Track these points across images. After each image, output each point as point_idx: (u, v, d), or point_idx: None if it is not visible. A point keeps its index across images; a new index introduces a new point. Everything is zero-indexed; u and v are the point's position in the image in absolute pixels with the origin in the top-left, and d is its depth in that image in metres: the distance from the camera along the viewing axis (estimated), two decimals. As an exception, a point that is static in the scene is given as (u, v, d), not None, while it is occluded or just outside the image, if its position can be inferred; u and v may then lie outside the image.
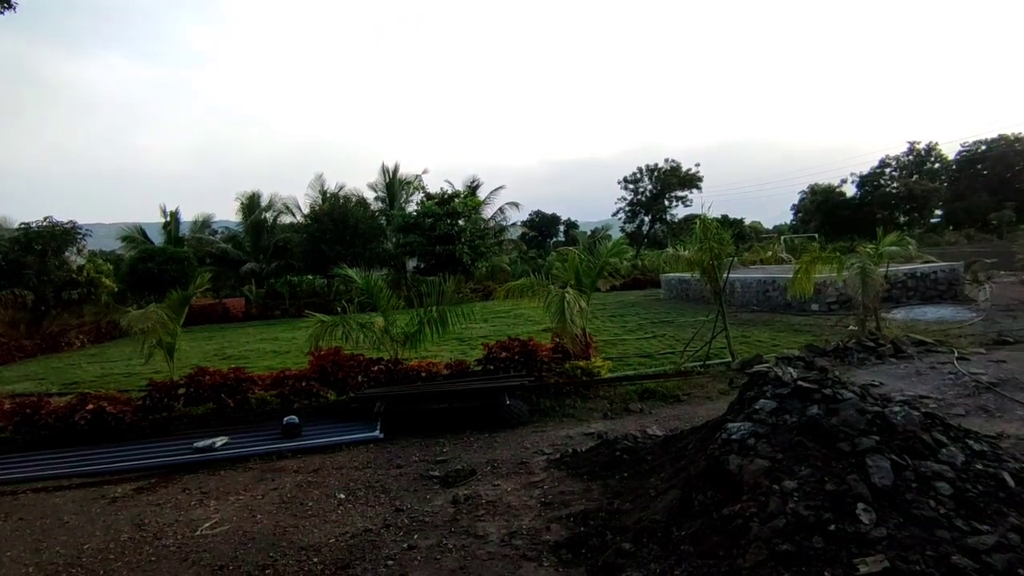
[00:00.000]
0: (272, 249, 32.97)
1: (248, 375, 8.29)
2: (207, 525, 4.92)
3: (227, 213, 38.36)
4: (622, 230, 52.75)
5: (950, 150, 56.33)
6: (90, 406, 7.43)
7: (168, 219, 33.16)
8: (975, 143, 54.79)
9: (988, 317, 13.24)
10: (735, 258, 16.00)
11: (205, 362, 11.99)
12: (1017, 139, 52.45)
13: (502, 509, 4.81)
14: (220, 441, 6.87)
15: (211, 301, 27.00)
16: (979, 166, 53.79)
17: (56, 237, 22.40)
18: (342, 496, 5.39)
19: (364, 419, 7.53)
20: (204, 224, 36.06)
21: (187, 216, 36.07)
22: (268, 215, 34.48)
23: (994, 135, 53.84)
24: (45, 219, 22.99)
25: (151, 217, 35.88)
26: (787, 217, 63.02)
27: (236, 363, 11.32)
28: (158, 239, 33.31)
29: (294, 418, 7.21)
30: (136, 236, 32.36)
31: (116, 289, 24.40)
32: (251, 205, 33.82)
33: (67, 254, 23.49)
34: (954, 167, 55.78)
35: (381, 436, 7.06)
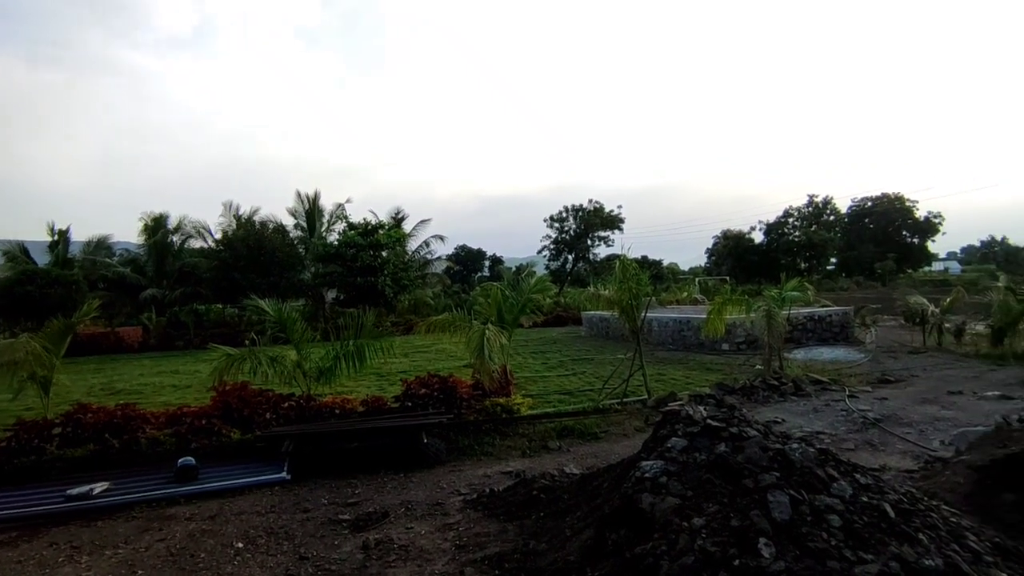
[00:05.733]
0: (177, 275, 30.92)
1: (139, 412, 7.63)
2: (78, 583, 4.41)
3: (128, 234, 35.80)
4: (547, 267, 53.67)
5: (843, 204, 61.98)
6: (-60, 448, 6.55)
7: (56, 238, 30.45)
8: (863, 199, 60.73)
9: (874, 358, 14.42)
10: (653, 298, 16.62)
11: (89, 397, 10.96)
12: (897, 198, 58.51)
13: (415, 553, 4.62)
14: (99, 487, 6.19)
15: (102, 330, 24.86)
16: (866, 220, 59.45)
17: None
18: (240, 545, 5.00)
19: (271, 460, 7.10)
20: (100, 245, 33.20)
21: (81, 235, 33.31)
22: (175, 238, 32.44)
23: (878, 193, 59.92)
24: None
25: (36, 235, 32.87)
26: (702, 259, 66.63)
27: (127, 399, 10.42)
28: (43, 259, 30.49)
29: (190, 460, 6.67)
30: (16, 253, 29.42)
31: (-16, 314, 21.99)
32: (156, 227, 31.68)
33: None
34: (846, 220, 61.32)
35: (288, 478, 6.66)
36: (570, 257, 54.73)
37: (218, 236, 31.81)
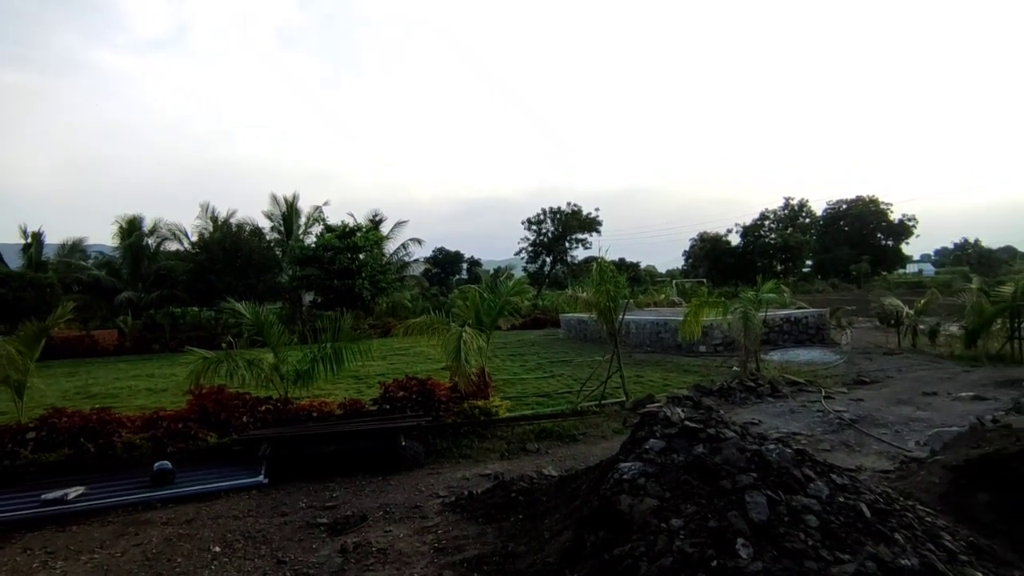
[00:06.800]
0: (153, 277, 30.37)
1: (115, 416, 7.49)
2: (50, 591, 4.31)
3: (103, 237, 34.99)
4: (524, 270, 53.72)
5: (818, 207, 62.97)
6: (-90, 454, 6.37)
7: (29, 240, 29.78)
8: (838, 202, 61.74)
9: (849, 359, 14.66)
10: (630, 300, 16.72)
11: (64, 401, 10.75)
12: (871, 200, 59.63)
13: (393, 557, 4.59)
14: (74, 492, 6.08)
15: (77, 333, 24.34)
16: (841, 222, 60.46)
17: None
18: (217, 550, 4.93)
19: (248, 463, 7.02)
20: (74, 248, 32.62)
21: (55, 239, 32.60)
22: (151, 240, 31.86)
23: (852, 196, 61.00)
24: None
25: (8, 238, 32.10)
26: (679, 262, 67.17)
27: (102, 402, 10.25)
28: (16, 263, 29.80)
29: (166, 464, 6.57)
30: (-11, 257, 28.83)
31: (-43, 317, 21.44)
32: (131, 229, 31.10)
33: None
34: (821, 222, 62.28)
35: (266, 482, 6.59)
36: (548, 259, 54.84)
37: (194, 239, 31.37)
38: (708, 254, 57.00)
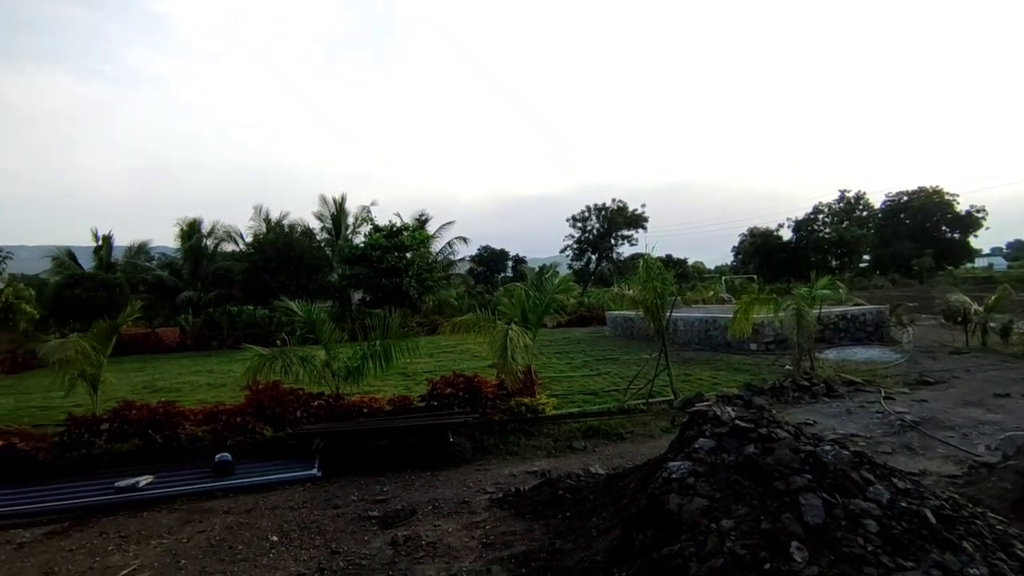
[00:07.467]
0: (211, 277, 31.73)
1: (179, 409, 7.89)
2: (124, 572, 4.59)
3: (165, 239, 36.79)
4: (570, 267, 53.40)
5: (876, 199, 60.28)
6: (-2, 442, 6.88)
7: (100, 243, 31.56)
8: (898, 194, 58.97)
9: (911, 358, 14.01)
10: (678, 297, 16.42)
11: (133, 395, 11.33)
12: (935, 191, 56.72)
13: (442, 551, 4.68)
14: (144, 480, 6.45)
15: (143, 330, 25.73)
16: (902, 215, 57.72)
17: (-31, 259, 20.95)
18: (275, 539, 5.13)
19: (302, 457, 7.26)
20: (140, 249, 34.41)
21: (122, 241, 34.44)
22: (209, 242, 33.30)
23: (914, 187, 58.17)
24: None
25: (82, 241, 34.09)
26: (728, 258, 65.42)
27: (167, 396, 10.78)
28: (88, 264, 31.64)
29: (227, 455, 6.88)
30: (64, 259, 30.63)
31: (37, 316, 22.92)
32: (191, 231, 32.60)
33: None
34: (880, 215, 59.58)
35: (319, 474, 6.81)
36: (593, 257, 54.34)
37: (249, 240, 32.57)
38: (759, 249, 55.29)
